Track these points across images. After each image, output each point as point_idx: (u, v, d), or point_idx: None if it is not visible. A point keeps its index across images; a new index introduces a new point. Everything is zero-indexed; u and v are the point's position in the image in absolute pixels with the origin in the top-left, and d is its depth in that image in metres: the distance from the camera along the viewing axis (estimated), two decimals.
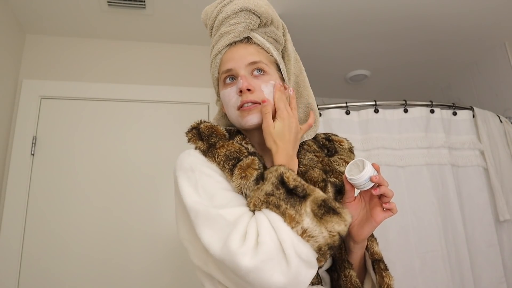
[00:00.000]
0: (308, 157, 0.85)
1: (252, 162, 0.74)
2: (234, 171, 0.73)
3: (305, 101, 0.91)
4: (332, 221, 0.63)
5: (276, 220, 0.62)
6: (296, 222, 0.62)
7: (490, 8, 1.98)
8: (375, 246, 0.81)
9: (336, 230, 0.63)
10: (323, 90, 2.88)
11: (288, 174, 0.67)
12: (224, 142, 0.78)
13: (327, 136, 0.93)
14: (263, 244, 0.60)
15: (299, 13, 1.98)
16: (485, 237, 1.81)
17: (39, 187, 1.83)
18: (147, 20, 2.01)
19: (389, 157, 1.80)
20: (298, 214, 0.63)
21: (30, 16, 1.93)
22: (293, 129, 0.76)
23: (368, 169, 0.71)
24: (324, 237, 0.62)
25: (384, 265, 0.78)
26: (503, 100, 2.30)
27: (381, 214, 0.73)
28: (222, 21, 0.85)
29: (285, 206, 0.63)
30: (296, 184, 0.66)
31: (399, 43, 2.31)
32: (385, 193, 0.72)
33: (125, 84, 2.08)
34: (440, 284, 1.66)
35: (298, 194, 0.65)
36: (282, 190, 0.65)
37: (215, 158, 0.75)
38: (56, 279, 1.73)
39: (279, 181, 0.66)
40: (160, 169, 1.97)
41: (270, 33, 0.87)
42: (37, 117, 1.92)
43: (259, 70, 0.81)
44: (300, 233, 0.61)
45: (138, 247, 1.85)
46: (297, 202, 0.64)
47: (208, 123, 0.83)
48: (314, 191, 0.66)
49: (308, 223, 0.62)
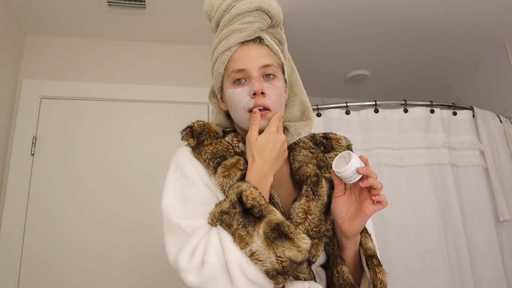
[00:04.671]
0: (303, 153, 0.85)
1: (237, 162, 0.75)
2: (218, 169, 0.74)
3: (299, 99, 0.91)
4: (283, 246, 0.61)
5: (226, 240, 0.63)
6: (246, 243, 0.62)
7: (490, 8, 1.98)
8: (368, 241, 0.79)
9: (287, 256, 0.61)
10: (323, 90, 2.88)
11: (248, 193, 0.66)
12: (213, 140, 0.80)
13: (325, 135, 0.93)
14: (207, 264, 0.61)
15: (299, 13, 1.98)
16: (485, 237, 1.81)
17: (39, 187, 1.83)
18: (147, 20, 2.01)
19: (389, 157, 1.79)
20: (249, 235, 0.63)
21: (30, 16, 1.93)
22: (276, 147, 0.74)
23: (354, 161, 0.69)
24: (271, 262, 0.61)
25: (378, 260, 0.76)
26: (503, 100, 2.30)
27: (371, 207, 0.71)
28: (234, 17, 0.82)
29: (236, 226, 0.64)
30: (254, 204, 0.65)
31: (399, 43, 2.31)
32: (373, 185, 0.70)
33: (125, 84, 2.08)
34: (440, 284, 1.66)
35: (254, 215, 0.65)
36: (239, 209, 0.65)
37: (202, 155, 0.77)
38: (56, 279, 1.73)
39: (238, 199, 0.66)
40: (160, 169, 1.96)
41: (276, 34, 0.87)
42: (37, 117, 1.92)
43: (269, 74, 0.80)
44: (248, 255, 0.61)
45: (138, 246, 1.85)
46: (251, 222, 0.64)
47: (201, 122, 0.84)
48: (271, 213, 0.65)
49: (258, 246, 0.62)
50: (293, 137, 0.87)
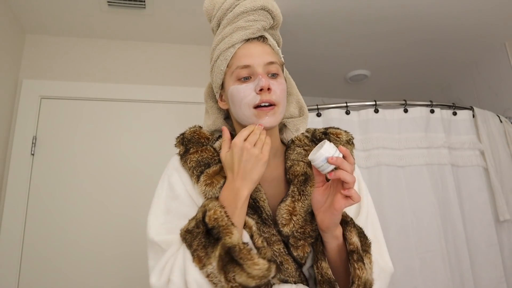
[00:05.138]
0: (297, 151, 0.85)
1: (221, 170, 0.76)
2: (201, 178, 0.75)
3: (295, 98, 0.93)
4: (234, 272, 0.62)
5: (187, 260, 0.66)
6: (203, 264, 0.64)
7: (490, 8, 1.98)
8: (353, 236, 0.74)
9: (238, 281, 0.62)
10: (323, 90, 2.88)
11: (211, 212, 0.67)
12: (199, 147, 0.80)
13: (325, 130, 0.91)
14: (171, 284, 0.65)
15: (299, 12, 1.98)
16: (485, 237, 1.81)
17: (39, 187, 1.83)
18: (147, 20, 2.01)
19: (389, 157, 1.79)
20: (207, 257, 0.64)
21: (30, 16, 1.93)
22: (242, 160, 0.71)
23: (326, 150, 0.66)
24: (222, 286, 0.62)
25: (358, 256, 0.71)
26: (503, 100, 2.30)
27: (342, 201, 0.68)
28: (238, 15, 0.82)
29: (195, 247, 0.65)
30: (214, 225, 0.66)
31: (399, 43, 2.31)
32: (341, 177, 0.66)
33: (125, 84, 2.08)
34: (440, 284, 1.66)
35: (213, 236, 0.66)
36: (202, 228, 0.67)
37: (187, 164, 0.78)
38: (56, 279, 1.73)
39: (202, 218, 0.68)
40: (159, 169, 1.96)
41: (275, 36, 0.89)
42: (37, 117, 1.92)
43: (274, 73, 0.80)
44: (206, 276, 0.64)
45: (138, 246, 1.84)
46: (211, 243, 0.65)
47: (193, 128, 0.85)
48: (227, 235, 0.65)
49: (213, 269, 0.63)
50: (291, 133, 0.87)
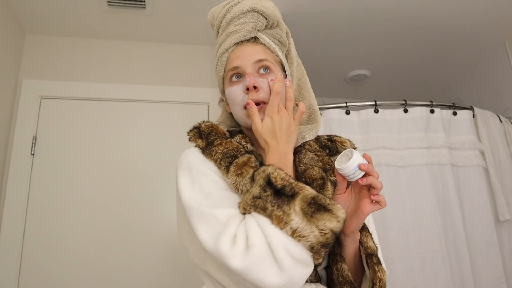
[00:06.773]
0: (309, 156, 0.85)
1: (248, 160, 0.75)
2: (230, 168, 0.73)
3: (307, 102, 0.92)
4: (324, 219, 0.62)
5: (264, 223, 0.63)
6: (285, 223, 0.62)
7: (490, 8, 1.98)
8: (369, 240, 0.78)
9: (328, 228, 0.62)
10: (323, 90, 2.88)
11: (275, 174, 0.66)
12: (223, 140, 0.79)
13: (330, 137, 0.93)
14: (253, 247, 0.61)
15: (299, 12, 1.98)
16: (485, 237, 1.81)
17: (39, 187, 1.83)
18: (147, 20, 2.01)
19: (389, 157, 1.80)
20: (286, 214, 0.62)
21: (30, 16, 1.93)
22: (283, 125, 0.74)
23: (356, 158, 0.69)
24: (315, 236, 0.61)
25: (377, 259, 0.76)
26: (503, 100, 2.30)
27: (369, 206, 0.71)
28: (230, 21, 0.85)
29: (271, 208, 0.63)
30: (284, 183, 0.65)
31: (399, 43, 2.31)
32: (372, 183, 0.70)
33: (125, 84, 2.08)
34: (440, 284, 1.66)
35: (286, 194, 0.65)
36: (270, 191, 0.65)
37: (213, 156, 0.76)
38: (56, 279, 1.73)
39: (267, 182, 0.66)
40: (160, 169, 1.96)
41: (276, 35, 0.88)
42: (37, 117, 1.92)
43: (265, 68, 0.81)
44: (290, 234, 0.61)
45: (138, 247, 1.85)
46: (285, 202, 0.64)
47: (208, 123, 0.84)
48: (303, 189, 0.65)
49: (298, 223, 0.62)
50: (297, 141, 0.86)
